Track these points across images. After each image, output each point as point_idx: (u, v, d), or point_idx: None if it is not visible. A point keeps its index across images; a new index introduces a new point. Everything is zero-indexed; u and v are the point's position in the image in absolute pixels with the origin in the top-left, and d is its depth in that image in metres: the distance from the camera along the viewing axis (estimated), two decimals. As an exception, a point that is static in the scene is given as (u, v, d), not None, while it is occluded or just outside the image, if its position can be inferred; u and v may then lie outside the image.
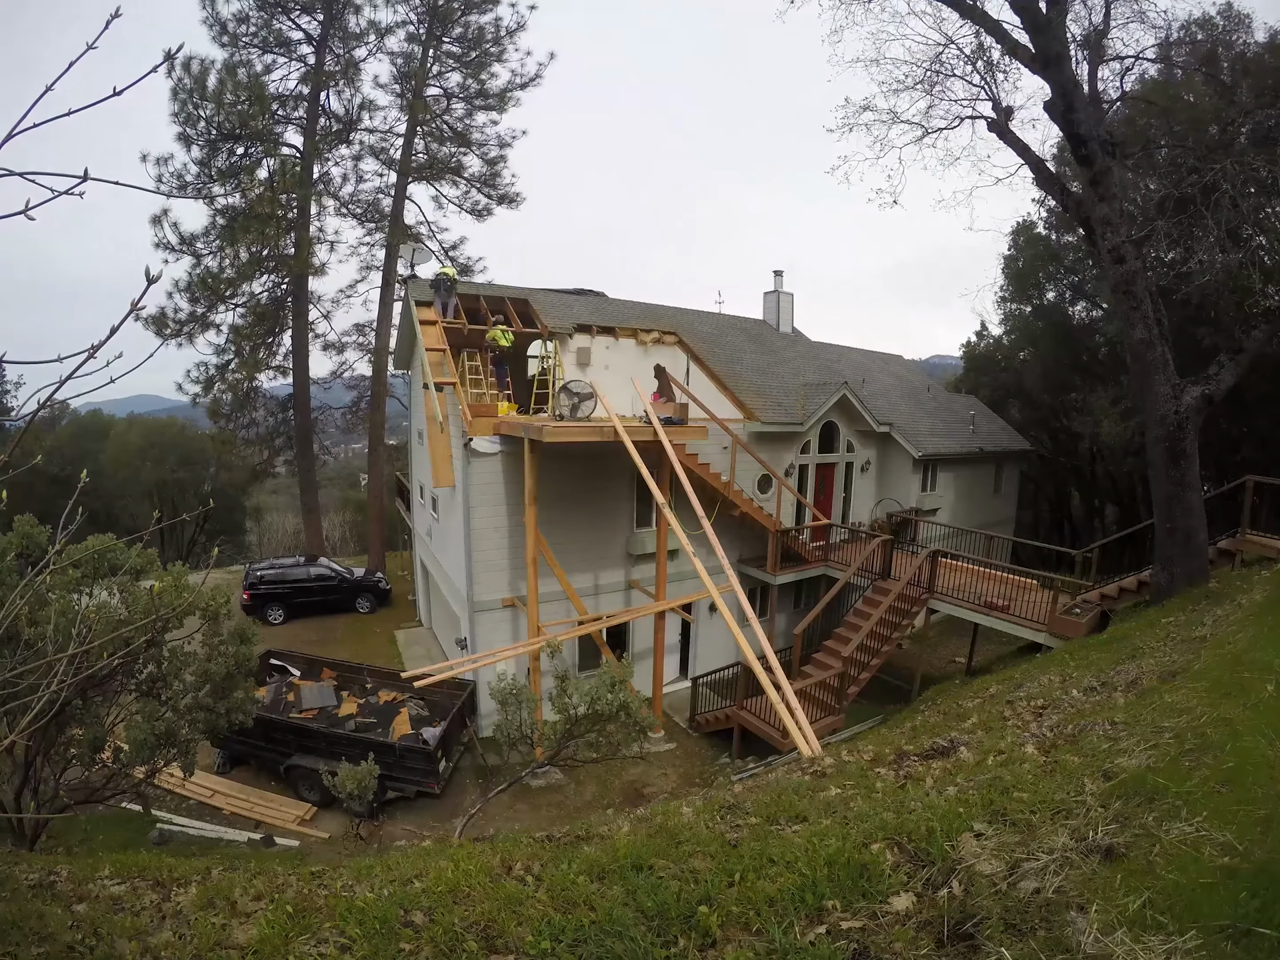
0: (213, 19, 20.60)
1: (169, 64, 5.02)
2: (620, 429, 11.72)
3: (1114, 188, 10.14)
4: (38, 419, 1.92)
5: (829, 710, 12.70)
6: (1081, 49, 11.03)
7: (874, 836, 3.16)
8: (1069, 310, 27.32)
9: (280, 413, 26.09)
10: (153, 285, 1.80)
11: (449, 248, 26.29)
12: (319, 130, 22.58)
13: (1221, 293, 13.19)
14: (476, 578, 13.18)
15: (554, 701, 8.94)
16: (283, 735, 11.49)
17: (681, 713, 14.82)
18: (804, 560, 16.87)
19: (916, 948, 2.29)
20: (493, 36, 23.86)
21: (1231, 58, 13.78)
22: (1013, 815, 3.19)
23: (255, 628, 9.13)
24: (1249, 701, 4.33)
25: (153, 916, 2.97)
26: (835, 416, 18.74)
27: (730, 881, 2.89)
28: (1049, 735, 4.92)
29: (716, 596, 9.96)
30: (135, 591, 7.37)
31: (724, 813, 4.27)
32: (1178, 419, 10.11)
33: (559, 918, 2.68)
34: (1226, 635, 6.91)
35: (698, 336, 18.96)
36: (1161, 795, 3.09)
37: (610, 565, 14.92)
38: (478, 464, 12.79)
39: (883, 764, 5.23)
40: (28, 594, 2.81)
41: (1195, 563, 10.51)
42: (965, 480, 22.54)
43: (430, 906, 2.88)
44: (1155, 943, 2.05)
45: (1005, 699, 7.50)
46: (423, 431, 18.29)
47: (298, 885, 3.36)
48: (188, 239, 20.82)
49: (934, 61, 12.43)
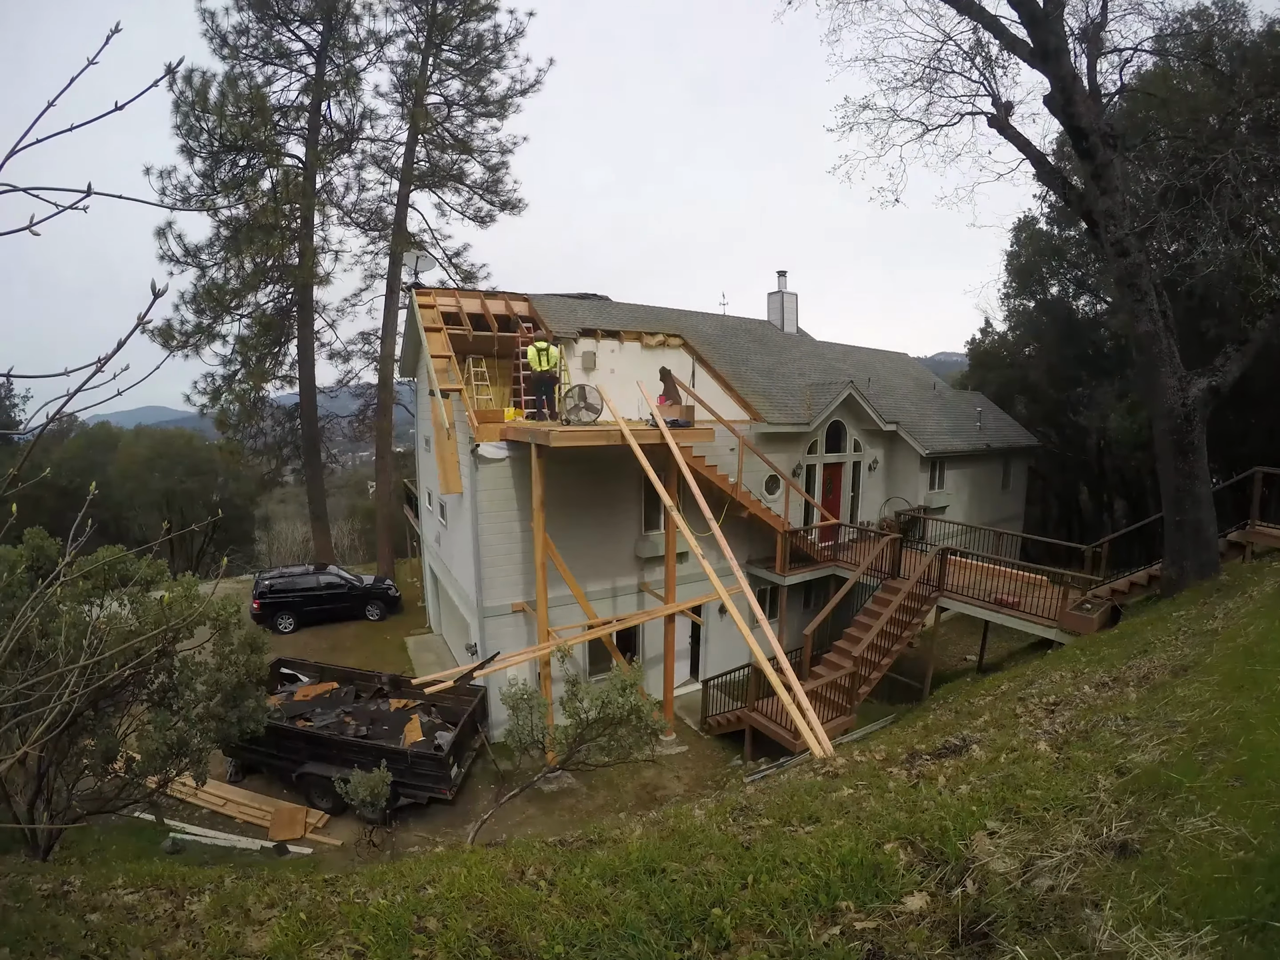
0: (213, 32, 20.77)
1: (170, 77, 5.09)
2: (627, 432, 11.73)
3: (1116, 180, 10.10)
4: (46, 432, 1.93)
5: (840, 710, 12.66)
6: (1080, 42, 11.00)
7: (887, 836, 3.15)
8: (1073, 305, 27.25)
9: (287, 422, 26.20)
10: (159, 299, 1.81)
11: (452, 255, 26.41)
12: (321, 140, 22.70)
13: (1226, 283, 13.14)
14: (486, 583, 13.19)
15: (565, 706, 8.94)
16: (294, 743, 11.52)
17: (693, 715, 14.78)
18: (813, 560, 16.82)
19: (931, 947, 2.28)
20: (492, 44, 23.99)
21: (1229, 47, 13.72)
22: (1026, 813, 3.17)
23: (265, 636, 9.16)
24: (1262, 695, 4.30)
25: (166, 925, 2.98)
26: (841, 416, 18.69)
27: (743, 883, 2.89)
28: (1061, 732, 4.89)
29: (726, 598, 9.94)
30: (146, 602, 7.41)
31: (736, 814, 4.27)
32: (1185, 411, 10.06)
33: (572, 922, 2.68)
34: (1238, 628, 6.86)
35: (702, 338, 18.95)
36: (1175, 790, 3.07)
37: (619, 569, 14.91)
38: (485, 470, 12.81)
39: (895, 763, 5.20)
40: (39, 606, 2.83)
41: (1205, 556, 10.44)
42: (973, 477, 22.45)
43: (443, 912, 2.88)
44: (1171, 939, 2.04)
45: (1017, 696, 7.47)
46: (430, 438, 18.34)
47: (311, 892, 3.37)
48: (192, 251, 20.98)
49: (932, 58, 12.43)
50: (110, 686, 6.33)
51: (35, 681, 2.72)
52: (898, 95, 13.15)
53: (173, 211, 23.61)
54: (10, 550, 7.41)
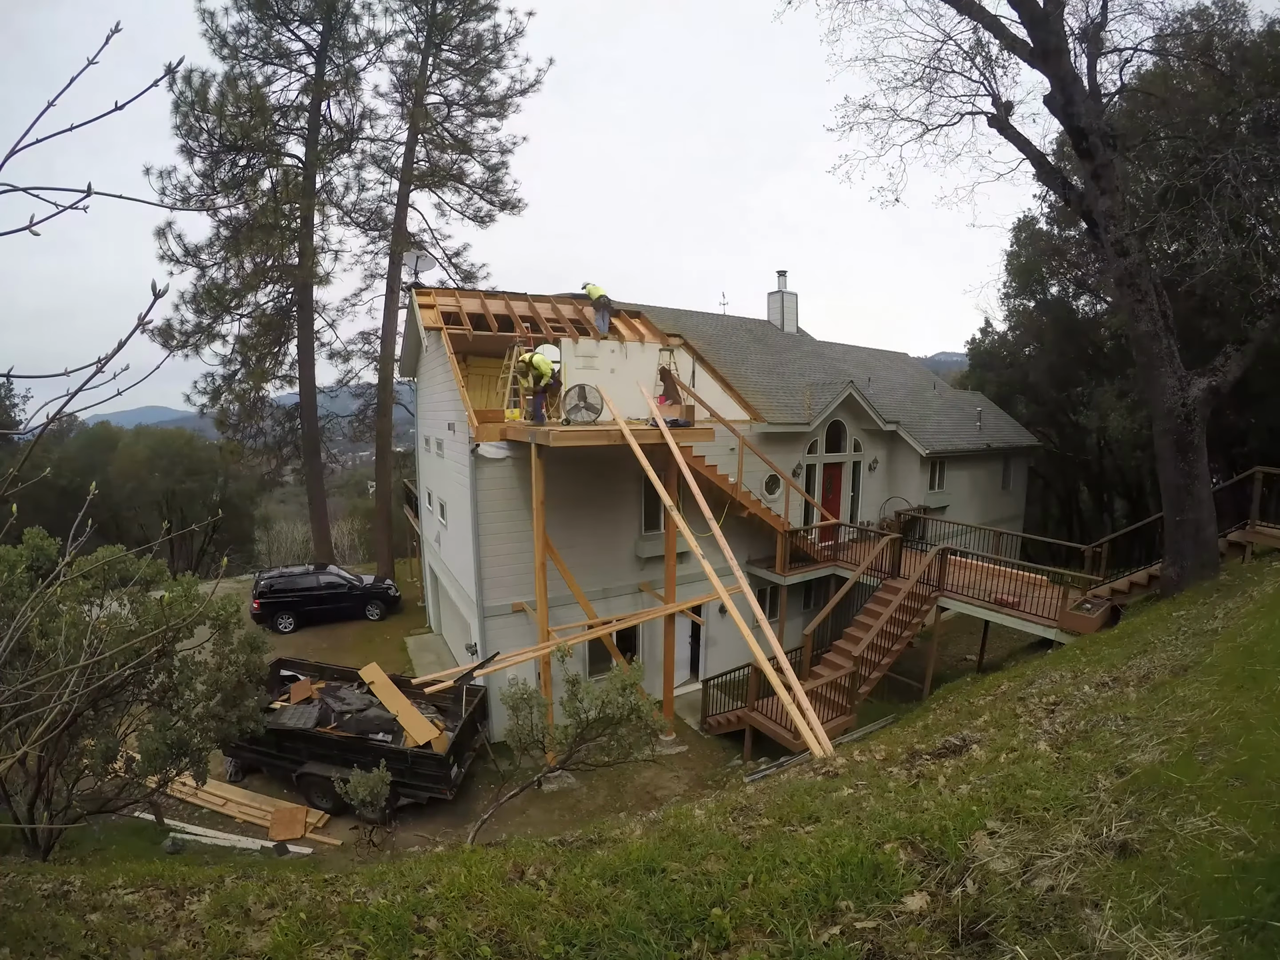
0: (213, 32, 20.76)
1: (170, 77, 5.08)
2: (626, 432, 11.73)
3: (1116, 180, 10.10)
4: (46, 432, 1.92)
5: (840, 710, 12.66)
6: (1080, 42, 10.99)
7: (887, 836, 3.15)
8: (1073, 305, 27.23)
9: (287, 422, 26.22)
10: (159, 299, 1.81)
11: (452, 255, 26.41)
12: (321, 140, 22.70)
13: (1226, 283, 13.11)
14: (486, 583, 13.19)
15: (565, 706, 8.94)
16: (294, 743, 11.52)
17: (693, 715, 14.78)
18: (813, 560, 16.82)
19: (931, 947, 2.28)
20: (491, 43, 24.01)
21: (1229, 47, 13.71)
22: (1026, 813, 3.17)
23: (266, 636, 9.16)
24: (1262, 694, 4.30)
25: (166, 925, 2.97)
26: (842, 415, 18.69)
27: (743, 883, 2.88)
28: (1061, 732, 4.89)
29: (726, 598, 9.94)
30: (145, 602, 7.41)
31: (736, 814, 4.26)
32: (1185, 411, 10.05)
33: (572, 922, 2.68)
34: (1238, 628, 6.86)
35: (702, 338, 18.94)
36: (1175, 790, 3.07)
37: (619, 569, 14.91)
38: (485, 469, 12.81)
39: (895, 763, 5.20)
40: (39, 606, 2.83)
41: (1205, 556, 10.44)
42: (973, 477, 22.45)
43: (443, 912, 2.88)
44: (1171, 939, 2.04)
45: (1017, 696, 7.46)
46: (429, 438, 18.34)
47: (311, 892, 3.36)
48: (192, 251, 21.00)
49: (932, 58, 12.40)
50: (110, 686, 6.33)
51: (35, 681, 2.72)
52: (898, 95, 13.13)
53: (173, 211, 23.64)
54: (10, 550, 7.41)
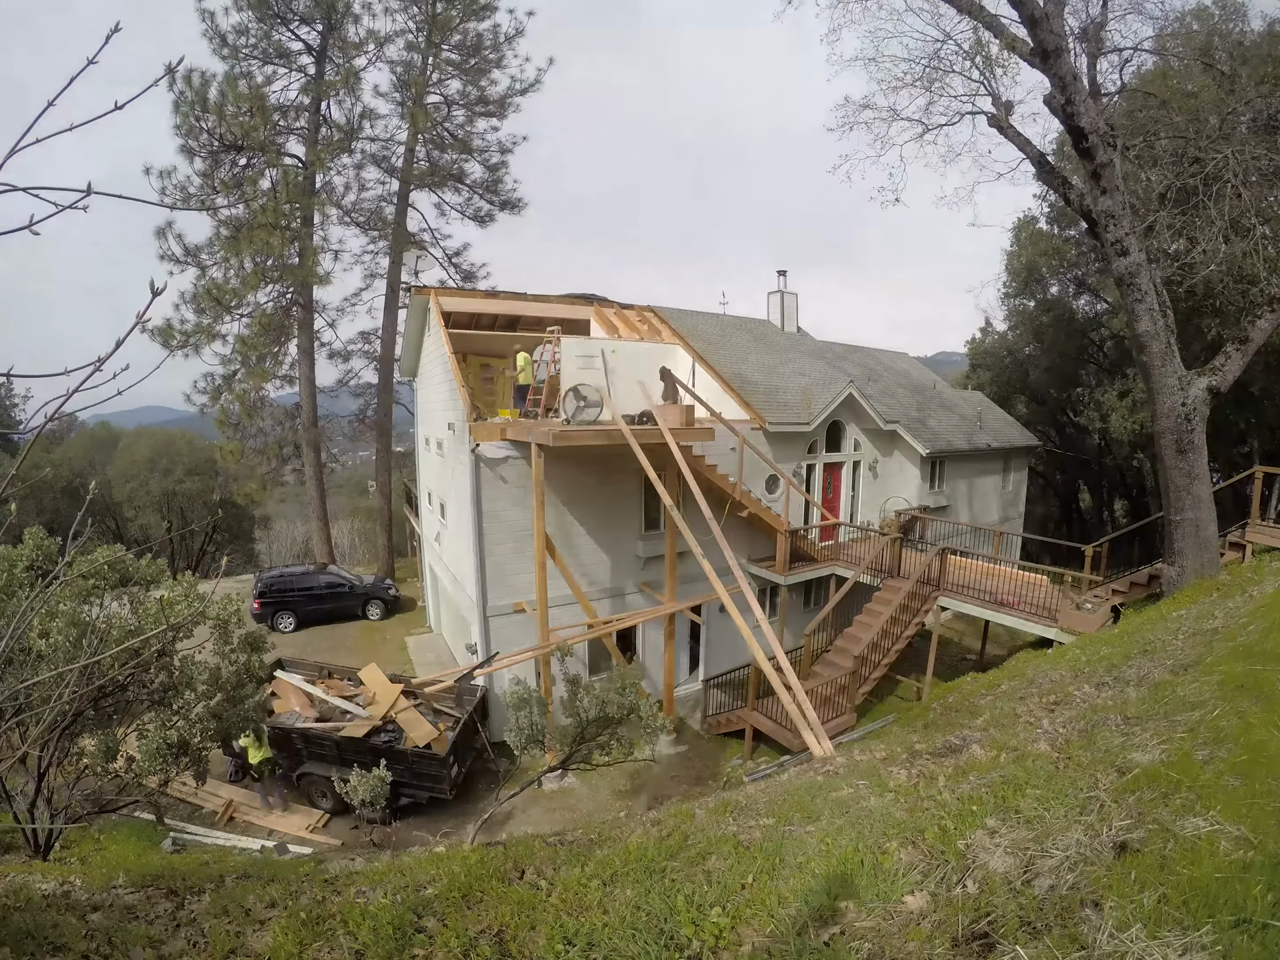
0: (213, 32, 20.74)
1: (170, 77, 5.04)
2: (626, 432, 11.72)
3: (1116, 180, 10.10)
4: (46, 431, 1.92)
5: (840, 710, 12.66)
6: (1080, 41, 11.00)
7: (887, 836, 3.15)
8: (1073, 304, 27.25)
9: (288, 422, 26.19)
10: (158, 297, 1.81)
11: (452, 254, 26.40)
12: (321, 139, 22.68)
13: (1226, 283, 13.12)
14: (486, 583, 13.19)
15: (565, 705, 8.94)
16: (294, 743, 11.51)
17: (693, 714, 14.79)
18: (813, 560, 16.81)
19: (931, 947, 2.28)
20: (491, 43, 23.98)
21: (1229, 46, 13.72)
22: (1026, 812, 3.17)
23: (266, 636, 9.16)
24: (1262, 694, 4.30)
25: (167, 925, 2.98)
26: (842, 415, 18.68)
27: (743, 883, 2.89)
28: (1061, 731, 4.89)
29: (726, 598, 9.94)
30: (146, 602, 7.41)
31: (736, 814, 4.27)
32: (1185, 411, 10.06)
33: (572, 921, 2.68)
34: (1238, 627, 6.86)
35: (702, 338, 18.94)
36: (1175, 790, 3.07)
37: (620, 568, 14.91)
38: (486, 469, 12.81)
39: (895, 763, 5.20)
40: (39, 605, 2.83)
41: (1205, 555, 10.44)
42: (973, 477, 22.45)
43: (443, 912, 2.88)
44: (1171, 938, 2.04)
45: (1017, 695, 7.47)
46: (430, 438, 18.33)
47: (311, 892, 3.37)
48: (192, 250, 20.97)
49: (932, 58, 12.42)
50: (110, 686, 6.33)
51: (35, 681, 2.72)
52: (898, 95, 13.12)
53: (173, 211, 23.63)
54: (10, 550, 7.41)
